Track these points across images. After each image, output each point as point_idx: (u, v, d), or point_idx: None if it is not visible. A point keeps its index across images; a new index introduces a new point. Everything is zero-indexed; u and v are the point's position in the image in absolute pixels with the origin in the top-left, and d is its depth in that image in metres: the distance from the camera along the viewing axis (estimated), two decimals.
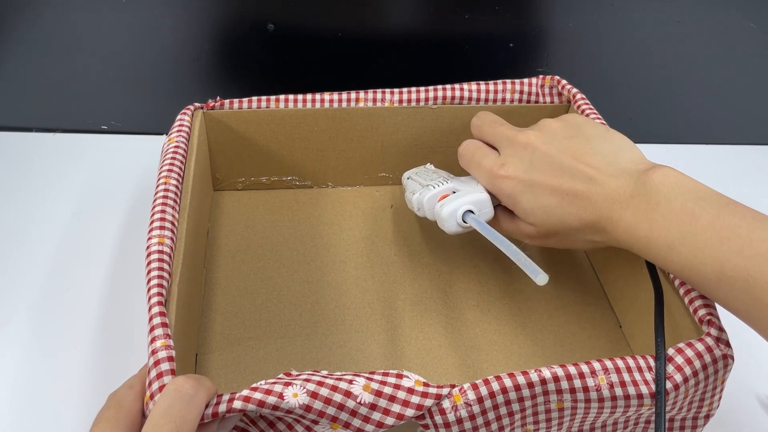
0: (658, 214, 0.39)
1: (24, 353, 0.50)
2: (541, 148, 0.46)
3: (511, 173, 0.46)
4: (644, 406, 0.39)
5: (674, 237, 0.38)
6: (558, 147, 0.46)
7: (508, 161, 0.47)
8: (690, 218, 0.38)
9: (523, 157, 0.47)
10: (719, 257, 0.36)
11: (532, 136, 0.47)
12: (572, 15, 0.70)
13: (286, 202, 0.63)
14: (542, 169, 0.45)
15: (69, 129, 0.73)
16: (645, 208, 0.40)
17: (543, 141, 0.47)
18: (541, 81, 0.61)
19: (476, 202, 0.49)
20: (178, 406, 0.32)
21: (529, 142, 0.47)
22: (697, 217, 0.38)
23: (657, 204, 0.39)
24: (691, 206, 0.38)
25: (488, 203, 0.49)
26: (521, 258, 0.43)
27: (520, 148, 0.47)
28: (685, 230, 0.38)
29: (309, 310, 0.53)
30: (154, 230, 0.43)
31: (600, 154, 0.44)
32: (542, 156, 0.46)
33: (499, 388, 0.36)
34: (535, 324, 0.53)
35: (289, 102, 0.58)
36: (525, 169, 0.46)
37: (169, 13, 0.66)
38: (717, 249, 0.36)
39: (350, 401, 0.34)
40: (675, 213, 0.39)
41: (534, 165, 0.46)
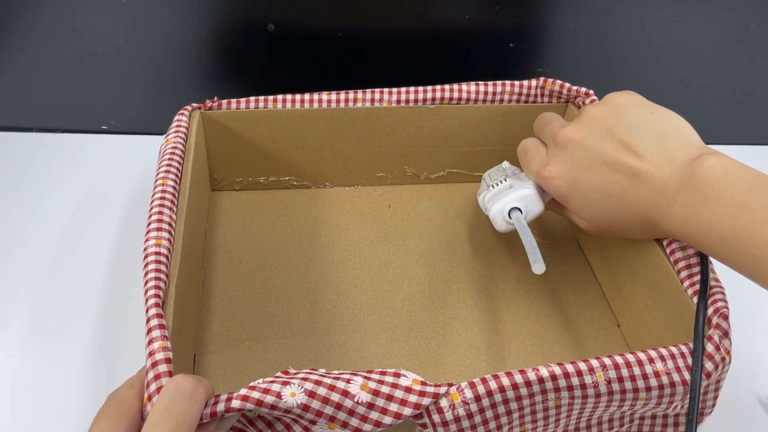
0: (706, 208, 0.37)
1: (23, 353, 0.50)
2: (582, 143, 0.45)
3: (555, 173, 0.46)
4: (639, 400, 0.39)
5: (726, 232, 0.36)
6: (599, 139, 0.44)
7: (551, 161, 0.47)
8: (742, 212, 0.36)
9: (565, 156, 0.46)
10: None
11: (570, 131, 0.46)
12: (572, 15, 0.70)
13: (284, 202, 0.63)
14: (584, 165, 0.44)
15: (69, 129, 0.73)
16: (692, 203, 0.38)
17: (583, 135, 0.45)
18: (541, 83, 0.60)
19: (522, 199, 0.50)
20: (178, 403, 0.32)
21: (568, 138, 0.46)
22: (750, 211, 0.35)
23: (705, 198, 0.37)
24: (743, 199, 0.36)
25: (535, 198, 0.50)
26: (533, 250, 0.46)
27: (562, 146, 0.46)
28: (737, 225, 0.36)
29: (307, 310, 0.53)
30: (151, 232, 0.43)
31: (644, 142, 0.42)
32: (582, 151, 0.44)
33: (496, 386, 0.36)
34: (533, 323, 0.53)
35: (287, 102, 0.58)
36: (567, 168, 0.45)
37: (169, 13, 0.66)
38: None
39: (348, 400, 0.34)
40: (725, 207, 0.36)
41: (575, 163, 0.45)
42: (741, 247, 0.36)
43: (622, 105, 0.45)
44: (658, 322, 0.48)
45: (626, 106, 0.45)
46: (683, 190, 0.39)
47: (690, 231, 0.39)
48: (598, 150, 0.43)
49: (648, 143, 0.42)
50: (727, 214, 0.36)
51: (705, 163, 0.38)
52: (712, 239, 0.37)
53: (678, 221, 0.39)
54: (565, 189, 0.45)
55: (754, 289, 0.39)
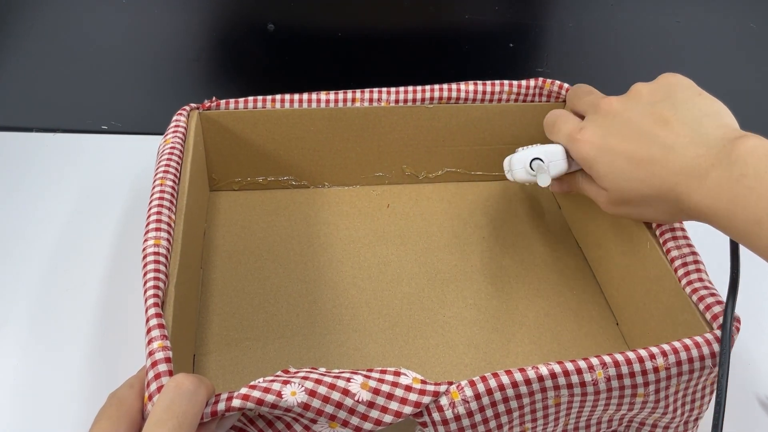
0: (743, 185, 0.36)
1: (23, 353, 0.50)
2: (623, 114, 0.45)
3: (588, 137, 0.46)
4: (638, 396, 0.39)
5: (762, 212, 0.35)
6: (641, 112, 0.44)
7: (587, 126, 0.47)
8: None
9: (604, 123, 0.46)
10: None
11: (615, 102, 0.46)
12: (572, 15, 0.70)
13: (283, 202, 0.63)
14: (619, 133, 0.44)
15: (69, 129, 0.73)
16: (728, 179, 0.37)
17: (626, 107, 0.45)
18: (540, 83, 0.61)
19: (547, 152, 0.50)
20: (179, 402, 0.32)
21: (611, 108, 0.46)
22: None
23: (743, 175, 0.36)
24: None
25: (560, 155, 0.50)
26: None
27: (603, 114, 0.46)
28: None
29: (306, 309, 0.53)
30: (150, 232, 0.43)
31: (684, 121, 0.42)
32: (622, 121, 0.45)
33: (496, 385, 0.36)
34: (532, 322, 0.53)
35: (285, 102, 0.58)
36: (603, 134, 0.45)
37: (168, 13, 0.66)
38: None
39: (348, 399, 0.34)
40: (764, 186, 0.35)
41: (612, 130, 0.45)
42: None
43: (673, 84, 0.45)
44: (657, 320, 0.48)
45: (676, 86, 0.45)
46: (718, 166, 0.38)
47: (720, 208, 0.37)
48: (636, 122, 0.44)
49: (687, 122, 0.42)
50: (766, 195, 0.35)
51: (746, 142, 0.38)
52: (746, 218, 0.36)
53: (709, 196, 0.38)
54: (594, 153, 0.45)
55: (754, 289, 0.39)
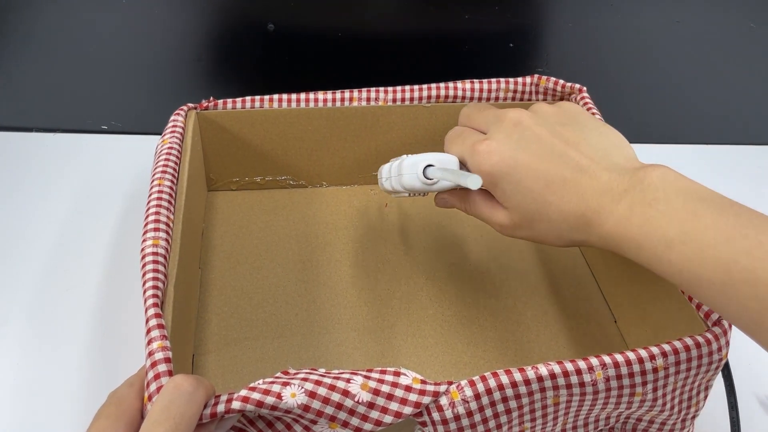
0: (655, 209, 0.36)
1: (23, 353, 0.50)
2: (533, 128, 0.42)
3: (495, 149, 0.42)
4: (636, 395, 0.39)
5: (673, 234, 0.35)
6: (551, 130, 0.42)
7: (493, 136, 0.43)
8: (692, 216, 0.35)
9: (512, 135, 0.42)
10: (724, 258, 0.33)
11: (524, 114, 0.43)
12: (572, 15, 0.70)
13: (281, 201, 0.63)
14: (530, 149, 0.41)
15: (69, 129, 0.73)
16: (640, 203, 0.37)
17: (535, 121, 0.43)
18: (536, 80, 0.61)
19: (440, 160, 0.45)
20: (177, 403, 0.32)
21: (520, 120, 0.43)
22: (699, 216, 0.35)
23: (654, 200, 0.37)
24: (693, 206, 0.35)
25: (454, 165, 0.45)
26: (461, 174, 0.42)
27: (510, 125, 0.43)
28: (687, 228, 0.35)
29: (305, 309, 0.53)
30: (148, 232, 0.43)
31: (594, 146, 0.41)
32: (532, 136, 0.42)
33: (496, 384, 0.36)
34: (531, 320, 0.54)
35: (283, 102, 0.58)
36: (511, 148, 0.42)
37: (169, 13, 0.66)
38: (721, 250, 0.33)
39: (348, 400, 0.34)
40: (675, 210, 0.36)
41: (521, 144, 0.42)
42: (689, 251, 0.35)
43: (577, 111, 0.45)
44: (655, 317, 0.48)
45: (580, 113, 0.45)
46: (631, 191, 0.38)
47: (631, 232, 0.37)
48: (547, 139, 0.42)
49: (597, 147, 0.41)
50: (677, 218, 0.35)
51: (657, 170, 0.38)
52: (656, 242, 0.36)
53: (620, 221, 0.37)
54: (502, 168, 0.42)
55: None
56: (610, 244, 0.39)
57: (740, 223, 0.34)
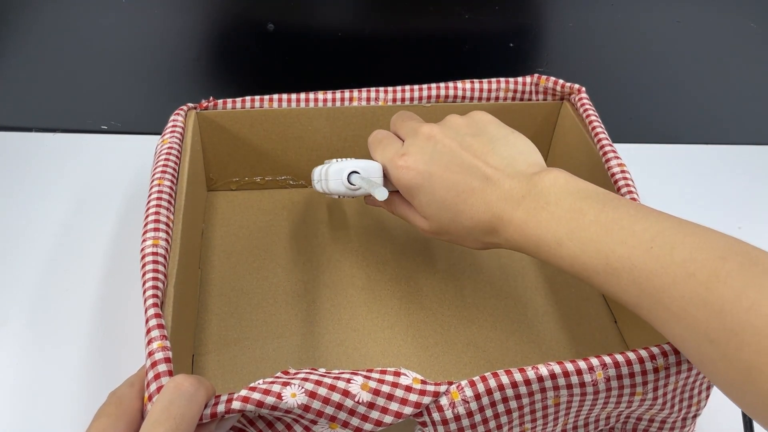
0: (546, 212, 0.40)
1: (23, 352, 0.50)
2: (444, 141, 0.45)
3: (411, 164, 0.45)
4: (636, 395, 0.39)
5: (562, 233, 0.39)
6: (460, 142, 0.45)
7: (409, 151, 0.46)
8: (577, 215, 0.39)
9: (425, 149, 0.46)
10: (604, 249, 0.37)
11: (435, 129, 0.47)
12: (572, 15, 0.70)
13: (281, 201, 0.63)
14: (442, 162, 0.45)
15: (69, 129, 0.73)
16: (534, 208, 0.40)
17: (446, 135, 0.46)
18: (535, 80, 0.61)
19: (364, 168, 0.48)
20: (178, 403, 0.32)
21: (432, 135, 0.46)
22: (583, 214, 0.38)
23: (546, 203, 0.40)
24: (578, 204, 0.39)
25: (377, 171, 0.48)
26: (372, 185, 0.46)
27: (423, 139, 0.46)
28: (573, 227, 0.38)
29: (305, 309, 0.53)
30: (148, 232, 0.43)
31: (500, 155, 0.44)
32: (443, 149, 0.45)
33: (496, 384, 0.36)
34: (531, 320, 0.54)
35: (283, 101, 0.58)
36: (425, 161, 0.45)
37: (169, 13, 0.66)
38: (602, 242, 0.37)
39: (348, 400, 0.34)
40: (563, 211, 0.39)
41: (434, 157, 0.45)
42: (575, 247, 0.38)
43: (487, 121, 0.48)
44: None
45: (490, 123, 0.47)
46: (527, 197, 0.41)
47: (529, 234, 0.40)
48: (457, 151, 0.45)
49: (503, 156, 0.44)
50: (565, 217, 0.39)
51: (548, 175, 0.41)
52: (549, 242, 0.39)
53: (519, 225, 0.41)
54: (418, 181, 0.45)
55: None
56: (515, 246, 0.43)
57: (618, 215, 0.37)
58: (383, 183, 0.48)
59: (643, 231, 0.36)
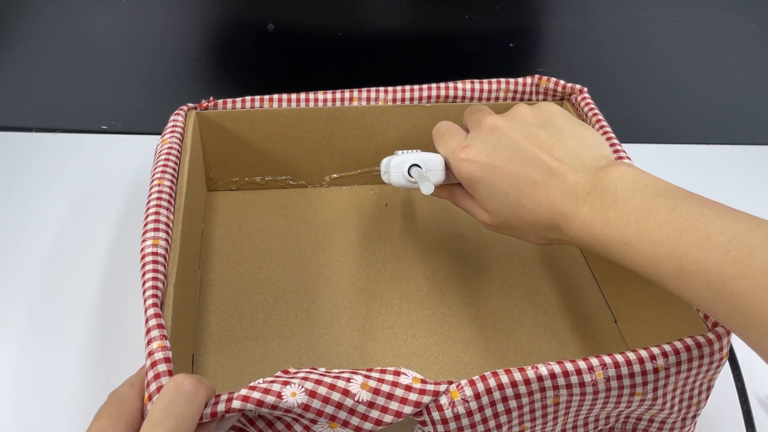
0: (614, 210, 0.38)
1: (23, 352, 0.50)
2: (508, 133, 0.44)
3: (473, 156, 0.44)
4: (636, 395, 0.39)
5: (631, 233, 0.37)
6: (525, 134, 0.44)
7: (471, 143, 0.45)
8: (647, 214, 0.37)
9: (488, 141, 0.45)
10: (677, 252, 0.35)
11: (500, 120, 0.45)
12: (572, 15, 0.70)
13: (281, 201, 0.63)
14: (504, 154, 0.43)
15: (69, 129, 0.73)
16: (601, 205, 0.38)
17: (511, 126, 0.44)
18: (536, 80, 0.61)
19: (426, 160, 0.48)
20: (178, 403, 0.32)
21: (496, 126, 0.45)
22: (654, 213, 0.36)
23: (614, 200, 0.38)
24: (648, 202, 0.37)
25: (439, 165, 0.48)
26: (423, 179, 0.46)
27: (487, 131, 0.45)
28: (643, 226, 0.36)
29: (305, 309, 0.53)
30: (148, 232, 0.43)
31: (566, 148, 0.42)
32: (507, 141, 0.44)
33: (495, 384, 0.36)
34: (531, 320, 0.54)
35: (283, 101, 0.58)
36: (487, 153, 0.44)
37: (169, 13, 0.66)
38: (675, 244, 0.35)
39: (348, 399, 0.34)
40: (632, 209, 0.37)
41: (497, 150, 0.44)
42: (645, 248, 0.36)
43: (554, 111, 0.46)
44: (655, 317, 0.48)
45: (557, 114, 0.46)
46: (593, 193, 0.39)
47: (595, 233, 0.39)
48: (521, 143, 0.43)
49: (569, 148, 0.42)
50: (634, 215, 0.37)
51: (616, 169, 0.39)
52: (617, 242, 0.38)
53: (584, 223, 0.39)
54: (479, 174, 0.44)
55: None
56: (580, 245, 0.40)
57: (692, 215, 0.35)
58: (446, 175, 0.48)
59: (718, 233, 0.34)
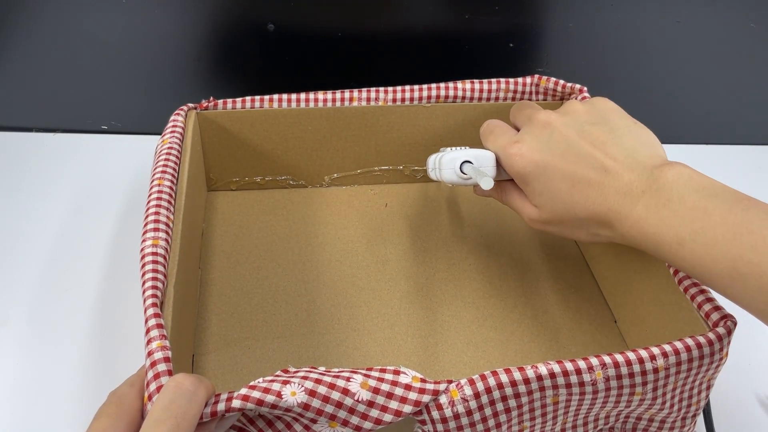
0: (668, 209, 0.38)
1: (23, 352, 0.50)
2: (561, 130, 0.44)
3: (525, 151, 0.44)
4: (635, 395, 0.39)
5: (685, 233, 0.37)
6: (579, 131, 0.44)
7: (523, 139, 0.45)
8: (702, 214, 0.37)
9: (540, 137, 0.45)
10: (732, 254, 0.35)
11: (553, 116, 0.45)
12: (572, 15, 0.70)
13: (281, 201, 0.63)
14: (557, 151, 0.43)
15: (69, 129, 0.73)
16: (655, 204, 0.39)
17: (564, 123, 0.45)
18: (536, 80, 0.61)
19: (477, 156, 0.48)
20: (178, 402, 0.32)
21: (549, 122, 0.45)
22: (709, 214, 0.36)
23: (668, 200, 0.38)
24: (703, 203, 0.37)
25: (491, 161, 0.48)
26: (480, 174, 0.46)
27: (539, 128, 0.45)
28: (697, 227, 0.37)
29: (305, 309, 0.53)
30: (148, 232, 0.43)
31: (621, 146, 0.42)
32: (560, 138, 0.44)
33: (495, 383, 0.36)
34: (530, 320, 0.54)
35: (283, 102, 0.58)
36: (540, 149, 0.44)
37: (169, 13, 0.66)
38: (729, 245, 0.35)
39: (348, 399, 0.34)
40: (687, 209, 0.37)
41: (550, 146, 0.44)
42: (699, 249, 0.36)
43: (609, 108, 0.46)
44: (655, 317, 0.48)
45: (612, 111, 0.46)
46: (647, 192, 0.39)
47: (648, 232, 0.39)
48: (575, 140, 0.43)
49: (624, 147, 0.43)
50: (689, 216, 0.37)
51: (672, 169, 0.39)
52: (670, 242, 0.38)
53: (638, 222, 0.39)
54: (531, 169, 0.44)
55: None
56: (632, 242, 0.41)
57: (747, 218, 0.35)
58: (497, 171, 0.48)
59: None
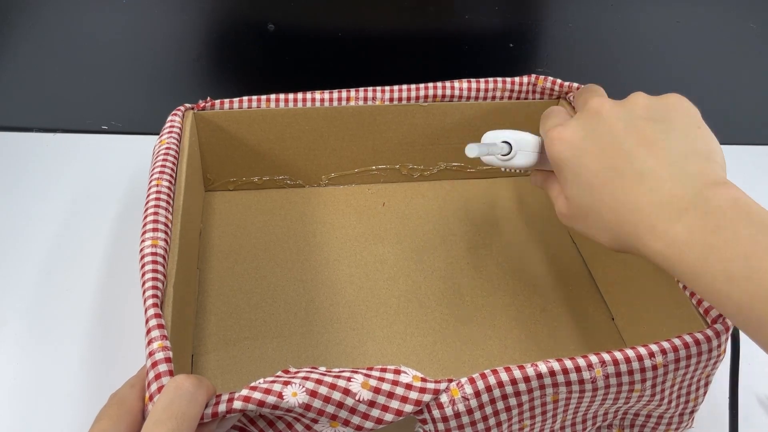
0: (719, 238, 0.33)
1: (23, 353, 0.50)
2: (609, 120, 0.40)
3: (566, 136, 0.41)
4: (634, 392, 0.39)
5: (737, 269, 0.32)
6: (628, 125, 0.39)
7: (570, 124, 0.42)
8: (761, 250, 0.32)
9: (586, 124, 0.41)
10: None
11: (607, 105, 0.41)
12: (572, 15, 0.70)
13: (278, 201, 0.63)
14: (599, 141, 0.39)
15: (69, 129, 0.73)
16: (701, 228, 0.34)
17: (615, 114, 0.40)
18: (533, 79, 0.61)
19: (518, 140, 0.46)
20: (179, 403, 0.32)
21: (599, 110, 0.41)
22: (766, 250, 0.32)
23: (718, 227, 0.33)
24: (761, 238, 0.32)
25: (531, 146, 0.46)
26: None
27: (589, 114, 0.41)
28: (754, 263, 0.31)
29: (304, 308, 0.53)
30: (147, 233, 0.43)
31: (670, 150, 0.37)
32: (605, 129, 0.40)
33: (495, 382, 0.36)
34: (529, 318, 0.54)
35: (280, 101, 0.58)
36: (582, 137, 0.40)
37: (169, 13, 0.66)
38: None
39: (349, 399, 0.34)
40: (742, 244, 0.32)
41: (592, 134, 0.40)
42: (751, 286, 0.31)
43: (677, 108, 0.41)
44: (652, 314, 0.49)
45: (677, 110, 0.41)
46: (692, 211, 0.34)
47: (688, 258, 0.34)
48: (619, 133, 0.39)
49: (673, 151, 0.37)
50: (744, 252, 0.32)
51: (727, 192, 0.34)
52: (716, 274, 0.33)
53: (676, 242, 0.34)
54: (566, 155, 0.40)
55: None
56: (662, 264, 0.36)
57: None
58: (539, 158, 0.46)
59: None
